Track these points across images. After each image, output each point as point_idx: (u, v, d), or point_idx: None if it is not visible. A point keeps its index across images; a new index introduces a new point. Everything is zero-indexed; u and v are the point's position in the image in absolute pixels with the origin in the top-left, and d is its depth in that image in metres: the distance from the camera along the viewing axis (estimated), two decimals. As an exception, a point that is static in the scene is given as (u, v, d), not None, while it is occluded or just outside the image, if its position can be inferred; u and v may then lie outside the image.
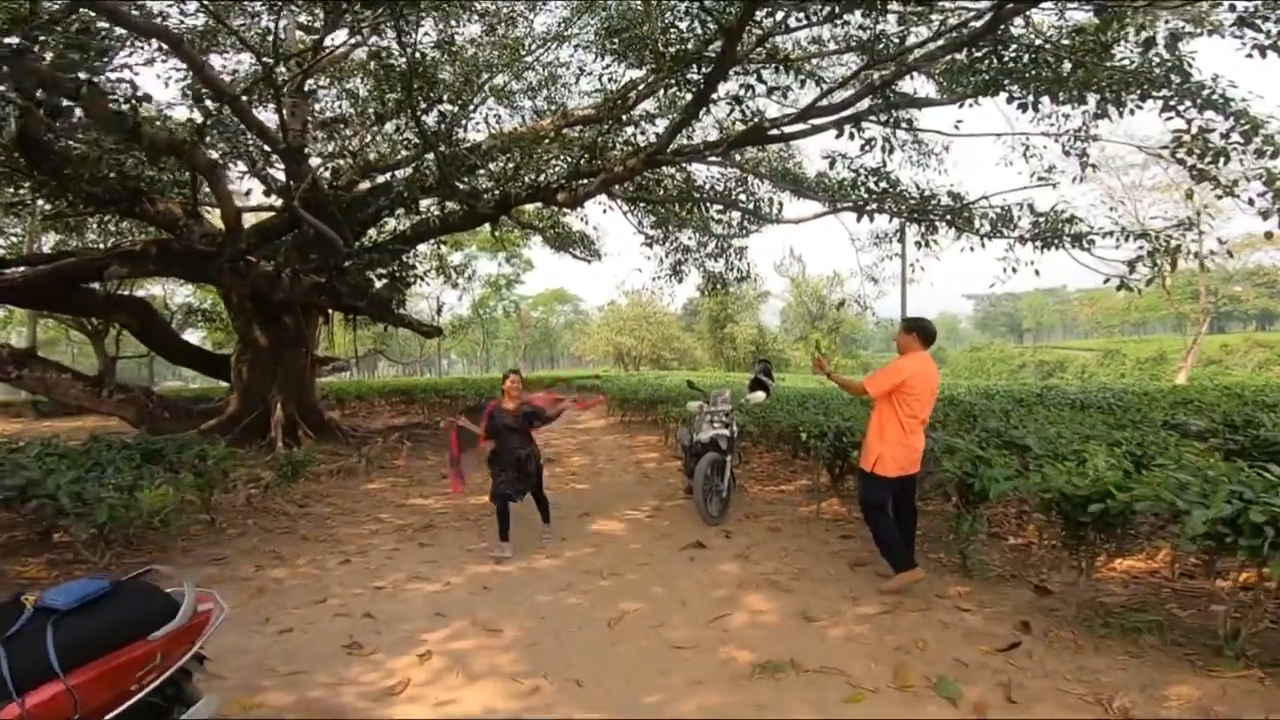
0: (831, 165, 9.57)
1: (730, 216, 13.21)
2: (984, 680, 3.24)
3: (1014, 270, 9.22)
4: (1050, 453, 4.96)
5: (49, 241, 17.74)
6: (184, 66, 9.03)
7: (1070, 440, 5.54)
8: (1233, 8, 5.79)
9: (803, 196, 11.73)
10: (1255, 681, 3.03)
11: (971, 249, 9.49)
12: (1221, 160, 6.68)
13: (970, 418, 7.98)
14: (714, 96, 8.87)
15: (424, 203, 12.64)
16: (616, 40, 9.70)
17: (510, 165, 11.31)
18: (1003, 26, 6.96)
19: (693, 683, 3.29)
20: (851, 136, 8.47)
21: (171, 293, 29.05)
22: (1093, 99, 7.22)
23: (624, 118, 10.97)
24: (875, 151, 8.84)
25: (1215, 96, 6.59)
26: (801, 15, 7.51)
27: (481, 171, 11.97)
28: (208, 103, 8.46)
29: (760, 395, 7.62)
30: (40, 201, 12.62)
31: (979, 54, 7.44)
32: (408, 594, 4.61)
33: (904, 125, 9.31)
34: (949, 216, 9.39)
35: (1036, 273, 9.19)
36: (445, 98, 10.11)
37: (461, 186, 10.98)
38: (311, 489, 8.11)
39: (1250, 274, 49.14)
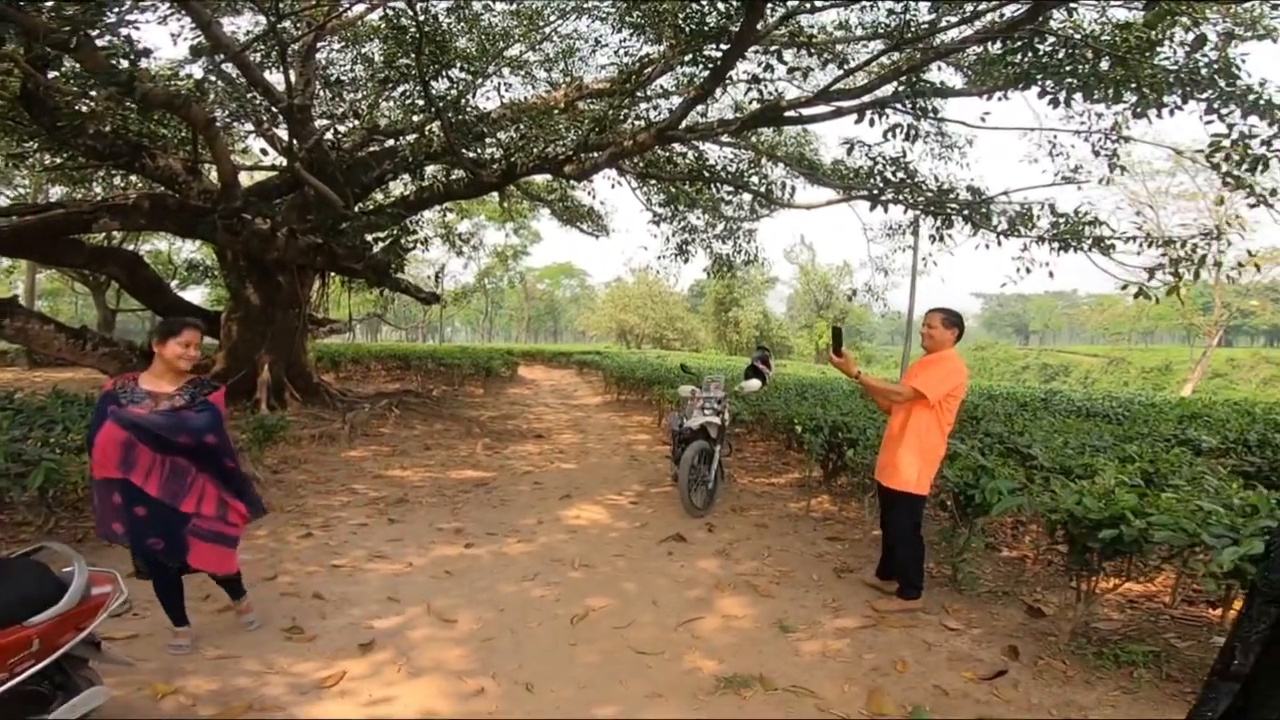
0: (850, 151, 9.25)
1: (741, 198, 12.89)
2: (963, 711, 2.99)
3: (1028, 270, 8.88)
4: (1057, 465, 4.69)
5: (55, 194, 17.60)
6: (194, 24, 8.83)
7: (1078, 452, 5.27)
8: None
9: (817, 183, 11.47)
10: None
11: (987, 246, 9.17)
12: (1260, 168, 6.35)
13: (973, 419, 7.74)
14: (732, 75, 8.52)
15: (429, 169, 12.41)
16: (636, 13, 9.34)
17: (519, 136, 11.02)
18: (1042, 17, 6.62)
19: (651, 695, 3.05)
20: (872, 123, 8.14)
21: (178, 249, 28.85)
22: (1130, 98, 6.90)
23: (639, 93, 10.63)
24: (896, 140, 8.53)
25: (1261, 101, 6.25)
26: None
27: (490, 140, 11.67)
28: (210, 58, 8.25)
29: (755, 383, 7.36)
30: (45, 155, 12.43)
31: (1014, 45, 7.10)
32: (365, 574, 4.38)
33: (930, 115, 8.98)
34: (966, 211, 9.07)
35: (1050, 274, 8.89)
36: (458, 65, 9.82)
37: (467, 154, 10.70)
38: (290, 454, 7.89)
39: (1266, 289, 48.38)
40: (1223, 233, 7.95)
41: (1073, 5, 7.06)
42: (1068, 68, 6.85)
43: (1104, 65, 6.72)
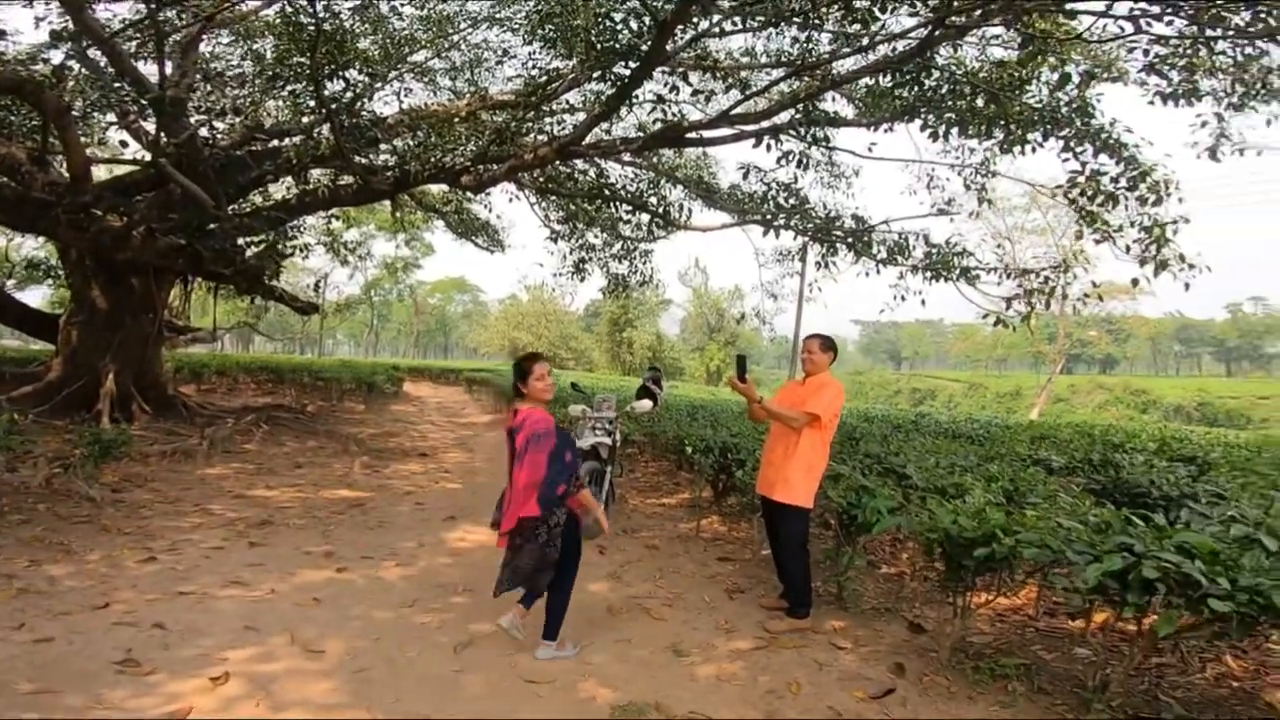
0: (745, 176, 9.47)
1: (639, 219, 12.92)
2: (856, 730, 3.02)
3: (903, 298, 9.29)
4: (931, 485, 4.89)
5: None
6: (62, 8, 7.95)
7: (948, 471, 5.53)
8: (1145, 52, 5.88)
9: (713, 206, 11.63)
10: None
11: (867, 274, 9.57)
12: (1110, 204, 6.91)
13: (852, 440, 8.01)
14: (637, 95, 8.55)
15: (315, 173, 11.69)
16: (549, 26, 9.21)
17: (416, 143, 10.58)
18: (930, 52, 6.95)
19: (541, 726, 2.89)
20: (769, 148, 8.35)
21: (17, 245, 25.87)
22: (999, 134, 7.36)
23: (543, 107, 10.48)
24: (789, 166, 8.78)
25: (1112, 140, 6.77)
26: (737, 21, 7.30)
27: (384, 146, 11.13)
28: (74, 44, 7.46)
29: (647, 404, 7.32)
30: None
31: (902, 79, 7.47)
32: (218, 602, 3.94)
33: (821, 143, 9.32)
34: (850, 239, 9.44)
35: (923, 303, 9.26)
36: (356, 66, 9.30)
37: (358, 159, 10.13)
38: (134, 471, 7.09)
39: (1102, 320, 54.49)
40: (1069, 266, 8.73)
41: (958, 42, 7.50)
42: (948, 103, 7.19)
43: (980, 102, 7.08)
